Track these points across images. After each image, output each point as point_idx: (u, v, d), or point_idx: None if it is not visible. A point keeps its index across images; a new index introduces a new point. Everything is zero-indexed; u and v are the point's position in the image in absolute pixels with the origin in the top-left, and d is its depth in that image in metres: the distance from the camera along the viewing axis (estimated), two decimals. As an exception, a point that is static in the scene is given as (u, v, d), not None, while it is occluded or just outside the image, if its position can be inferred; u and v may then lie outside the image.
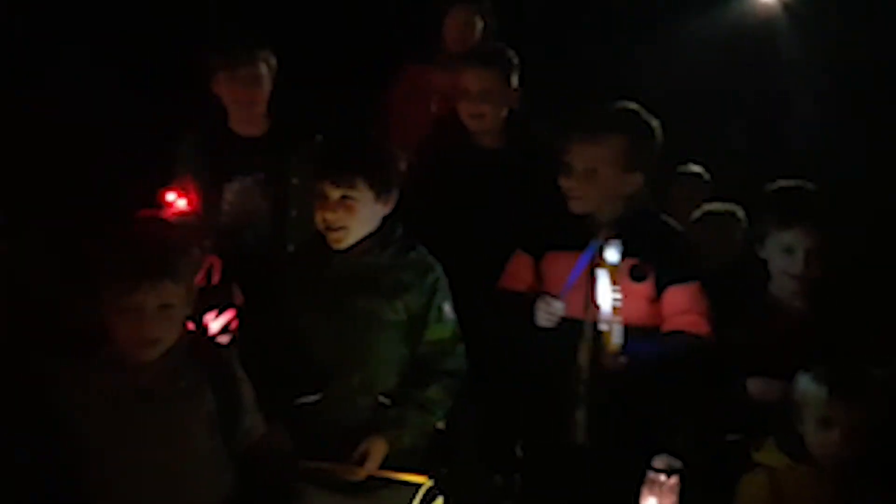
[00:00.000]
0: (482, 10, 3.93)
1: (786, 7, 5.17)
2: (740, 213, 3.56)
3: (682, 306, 2.69)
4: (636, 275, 2.66)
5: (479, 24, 3.90)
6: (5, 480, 2.18)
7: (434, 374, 2.59)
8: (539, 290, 2.74)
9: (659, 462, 2.33)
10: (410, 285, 2.58)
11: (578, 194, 2.72)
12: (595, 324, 2.60)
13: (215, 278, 3.18)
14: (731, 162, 4.62)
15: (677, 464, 2.37)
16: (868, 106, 4.81)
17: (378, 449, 2.48)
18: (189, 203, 3.30)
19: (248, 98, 3.31)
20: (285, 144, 3.34)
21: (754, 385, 2.67)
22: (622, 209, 2.73)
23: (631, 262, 2.64)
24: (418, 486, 2.51)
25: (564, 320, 2.64)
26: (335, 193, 2.53)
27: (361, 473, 2.46)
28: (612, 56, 4.85)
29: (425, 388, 2.57)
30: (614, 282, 2.53)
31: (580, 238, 2.70)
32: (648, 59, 4.84)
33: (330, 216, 2.54)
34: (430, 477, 2.53)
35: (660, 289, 2.70)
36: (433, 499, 2.53)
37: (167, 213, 3.27)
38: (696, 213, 3.57)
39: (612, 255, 2.54)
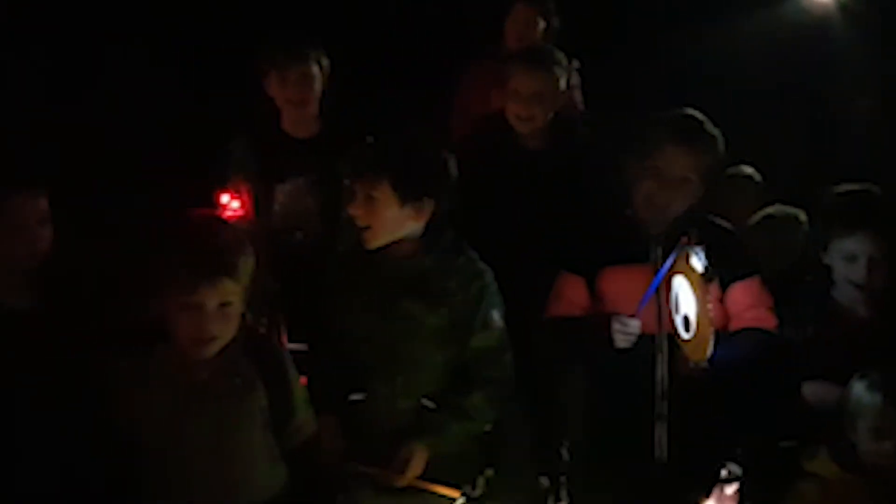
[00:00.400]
0: (545, 11, 3.90)
1: (842, 6, 5.07)
2: (802, 216, 3.48)
3: (747, 302, 2.66)
4: (707, 276, 2.56)
5: (542, 24, 3.88)
6: (63, 476, 2.23)
7: (478, 381, 2.56)
8: (598, 310, 2.67)
9: (724, 470, 2.31)
10: (456, 291, 2.54)
11: (664, 203, 2.64)
12: (670, 335, 2.56)
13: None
14: (786, 163, 4.56)
15: (738, 471, 2.34)
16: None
17: (419, 456, 2.48)
18: (242, 204, 3.34)
19: (299, 98, 3.33)
20: (337, 146, 3.27)
21: (811, 389, 2.65)
22: (677, 214, 2.68)
23: (692, 242, 2.54)
24: (453, 500, 2.49)
25: (639, 337, 2.56)
26: (360, 191, 2.54)
27: (402, 481, 2.46)
28: (667, 57, 4.80)
29: (468, 395, 2.55)
30: (697, 289, 2.46)
31: (636, 250, 2.65)
32: (703, 59, 4.79)
33: (353, 212, 2.56)
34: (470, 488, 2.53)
35: (723, 288, 2.66)
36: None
37: (221, 214, 3.28)
38: (756, 217, 3.49)
39: (697, 261, 2.46)
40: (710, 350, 2.43)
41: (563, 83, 3.36)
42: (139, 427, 2.20)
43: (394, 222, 2.54)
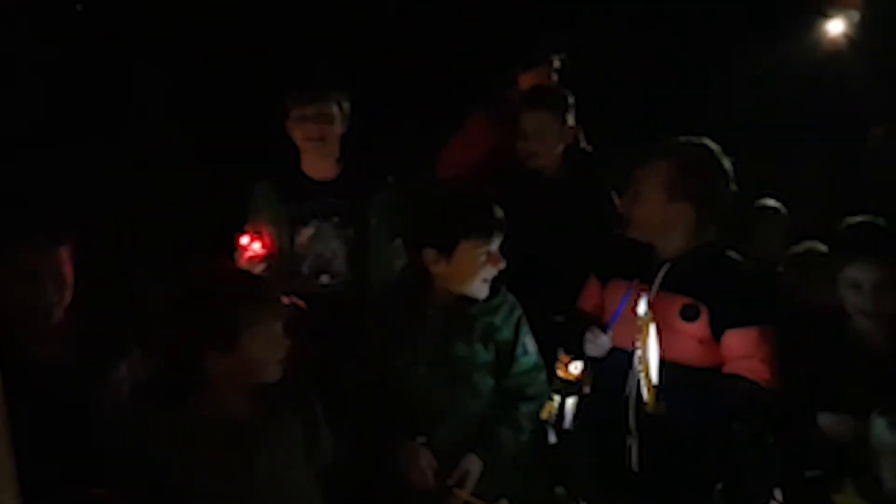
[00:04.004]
0: (557, 69, 3.97)
1: (851, 41, 5.11)
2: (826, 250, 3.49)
3: (741, 351, 2.61)
4: (687, 315, 2.64)
5: (555, 78, 3.94)
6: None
7: (521, 397, 2.71)
8: (601, 316, 2.82)
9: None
10: (500, 326, 2.69)
11: (627, 216, 2.75)
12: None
13: None
14: (808, 196, 4.56)
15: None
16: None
17: (475, 469, 2.58)
18: (263, 245, 3.30)
19: (318, 134, 3.32)
20: (360, 187, 3.36)
21: (826, 420, 2.65)
22: (684, 243, 2.70)
23: (683, 301, 2.63)
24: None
25: (614, 349, 2.70)
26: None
27: (462, 496, 2.54)
28: (683, 90, 4.86)
29: (515, 411, 2.68)
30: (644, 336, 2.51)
31: (640, 269, 2.73)
32: (717, 92, 4.86)
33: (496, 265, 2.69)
34: None
35: (717, 330, 2.63)
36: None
37: (242, 256, 3.30)
38: (791, 253, 3.50)
39: (640, 307, 2.51)
40: (648, 395, 2.48)
41: (569, 119, 3.54)
42: (191, 478, 2.19)
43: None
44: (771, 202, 3.85)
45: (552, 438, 2.88)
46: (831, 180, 4.96)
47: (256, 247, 3.29)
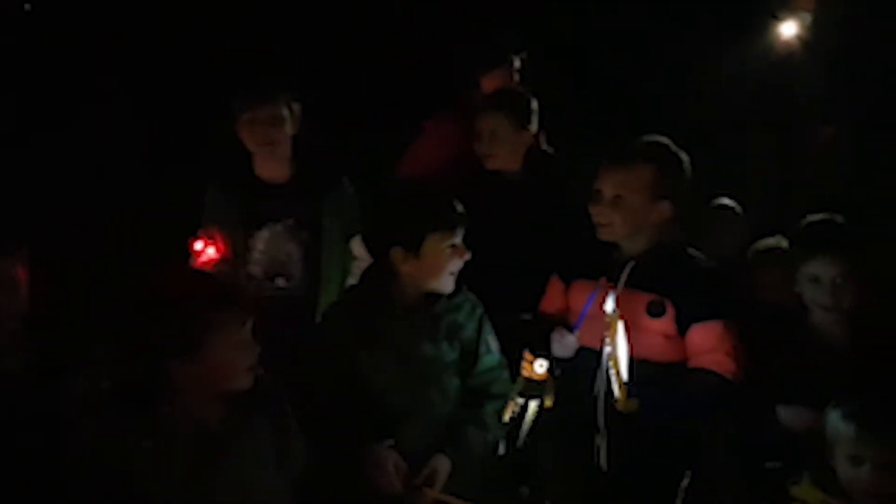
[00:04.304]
0: (518, 69, 3.96)
1: (805, 43, 5.19)
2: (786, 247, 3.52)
3: (706, 345, 2.67)
4: (653, 311, 2.67)
5: (516, 79, 3.94)
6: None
7: (486, 396, 2.72)
8: (566, 317, 2.83)
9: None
10: (464, 324, 2.72)
11: (606, 221, 2.75)
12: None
13: None
14: (762, 193, 4.63)
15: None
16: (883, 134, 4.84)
17: (443, 468, 2.58)
18: (218, 250, 3.28)
19: (267, 139, 3.29)
20: (313, 188, 3.35)
21: (785, 413, 2.69)
22: (647, 241, 2.75)
23: (648, 297, 2.66)
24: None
25: (582, 349, 2.71)
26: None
27: (432, 495, 2.54)
28: (639, 90, 4.90)
29: (481, 410, 2.70)
30: (612, 334, 2.51)
31: (604, 268, 2.75)
32: (673, 95, 4.89)
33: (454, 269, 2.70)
34: None
35: (683, 326, 2.68)
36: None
37: (196, 261, 3.27)
38: (750, 252, 3.53)
39: (608, 305, 2.53)
40: (619, 394, 2.48)
41: (527, 121, 3.50)
42: (158, 485, 2.15)
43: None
44: (727, 201, 3.89)
45: (512, 441, 2.87)
46: (783, 179, 5.04)
47: (210, 251, 3.26)
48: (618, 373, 2.48)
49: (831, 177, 4.91)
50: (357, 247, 3.34)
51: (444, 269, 2.63)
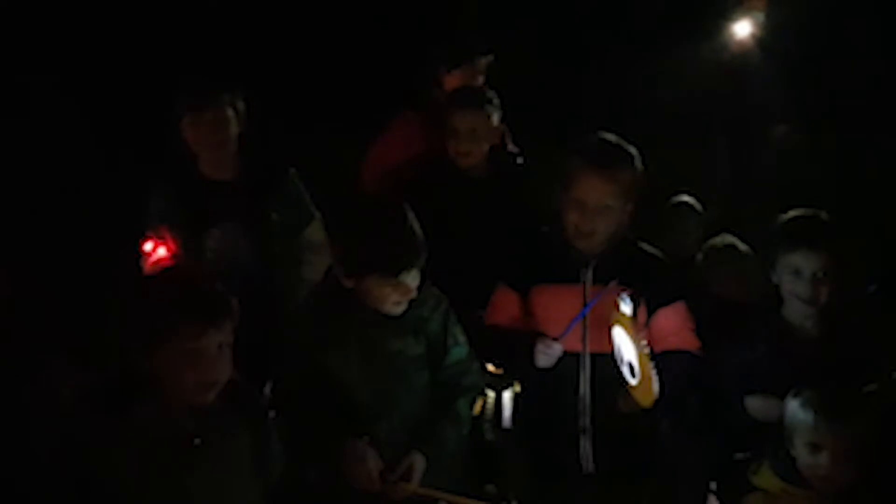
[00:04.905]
0: (482, 70, 3.92)
1: (759, 42, 5.23)
2: (741, 245, 3.59)
3: (673, 326, 2.78)
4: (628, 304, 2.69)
5: (481, 79, 3.91)
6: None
7: (457, 390, 2.69)
8: (526, 325, 2.80)
9: None
10: (429, 318, 2.67)
11: (590, 229, 2.73)
12: (593, 354, 2.71)
13: None
14: (716, 192, 4.66)
15: None
16: (835, 131, 4.92)
17: (419, 465, 2.55)
18: (169, 250, 3.23)
19: (214, 141, 3.27)
20: (261, 184, 3.33)
21: (754, 404, 2.71)
22: (606, 239, 2.77)
23: (621, 289, 2.68)
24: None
25: (564, 354, 2.70)
26: None
27: (407, 490, 2.51)
28: (592, 91, 4.90)
29: (453, 404, 2.67)
30: (632, 334, 2.55)
31: (566, 270, 2.77)
32: (628, 93, 4.91)
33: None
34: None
35: (649, 314, 2.76)
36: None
37: (147, 263, 3.23)
38: (701, 252, 3.58)
39: (626, 307, 2.57)
40: (655, 389, 2.52)
41: (495, 119, 3.52)
42: (129, 486, 2.10)
43: None
44: (685, 198, 3.91)
45: (489, 436, 2.97)
46: (739, 177, 5.08)
47: (161, 252, 3.22)
48: (625, 375, 2.52)
49: (785, 174, 4.95)
50: (308, 239, 3.35)
51: (385, 301, 2.57)
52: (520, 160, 3.74)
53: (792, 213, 2.82)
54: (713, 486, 2.96)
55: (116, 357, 2.11)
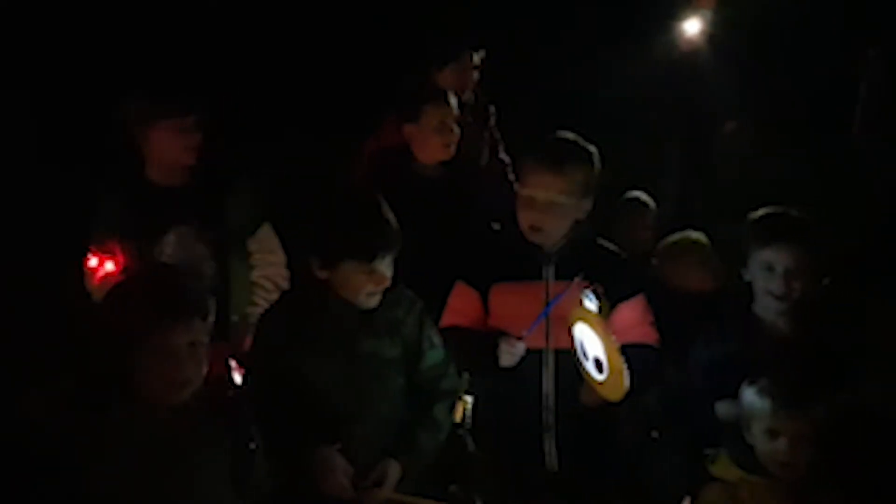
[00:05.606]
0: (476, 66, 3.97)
1: (710, 39, 5.28)
2: (702, 239, 3.59)
3: (633, 320, 2.81)
4: (591, 299, 2.68)
5: (475, 76, 3.94)
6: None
7: (435, 394, 2.67)
8: (486, 324, 2.81)
9: None
10: (404, 319, 2.64)
11: (539, 225, 2.77)
12: (557, 350, 2.72)
13: None
14: (669, 187, 4.69)
15: None
16: (786, 128, 4.94)
17: (393, 472, 2.52)
18: (117, 264, 3.17)
19: (192, 145, 3.24)
20: (213, 188, 3.30)
21: (723, 408, 2.70)
22: (565, 236, 2.81)
23: (584, 285, 2.68)
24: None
25: (526, 352, 2.70)
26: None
27: (380, 496, 2.49)
28: (544, 91, 4.92)
29: (430, 410, 2.64)
30: (599, 330, 2.54)
31: (525, 268, 2.79)
32: (581, 92, 4.92)
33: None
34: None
35: (612, 307, 2.77)
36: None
37: (94, 279, 3.18)
38: (662, 245, 3.60)
39: (590, 303, 2.59)
40: (626, 382, 2.51)
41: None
42: (104, 485, 2.08)
43: None
44: (638, 195, 3.92)
45: (469, 442, 2.92)
46: (690, 175, 5.11)
47: (109, 266, 3.17)
48: (611, 367, 2.51)
49: (735, 171, 4.99)
50: (258, 241, 3.33)
51: (359, 291, 2.54)
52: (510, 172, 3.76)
53: (763, 210, 2.85)
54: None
55: (89, 357, 2.10)
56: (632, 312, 2.80)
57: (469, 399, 2.60)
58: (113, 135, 3.24)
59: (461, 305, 2.86)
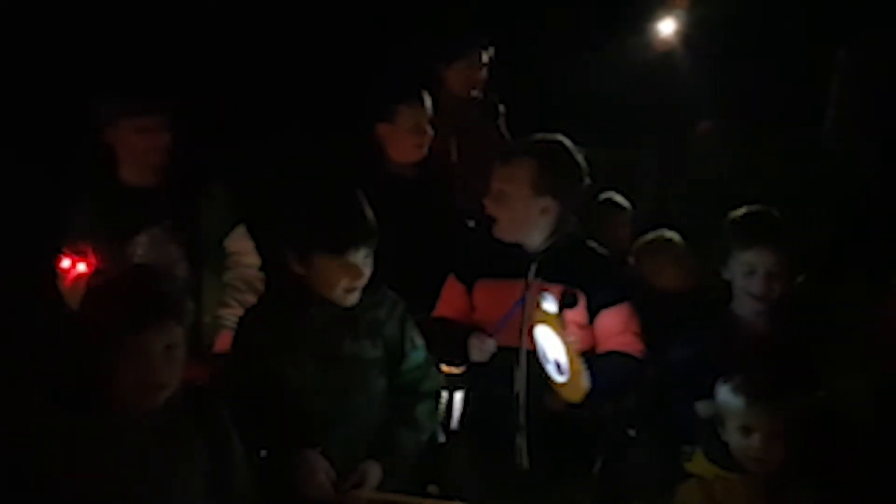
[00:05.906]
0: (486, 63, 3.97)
1: (684, 39, 5.31)
2: (676, 237, 3.62)
3: (616, 328, 2.78)
4: (567, 301, 2.67)
5: (484, 74, 3.94)
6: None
7: (417, 395, 2.65)
8: (472, 318, 2.84)
9: None
10: (385, 321, 2.62)
11: (493, 215, 2.80)
12: (529, 351, 2.69)
13: None
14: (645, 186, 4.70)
15: None
16: (762, 127, 4.98)
17: (374, 473, 2.50)
18: (89, 265, 3.13)
19: (159, 144, 3.21)
20: (185, 188, 3.28)
21: (703, 409, 2.67)
22: (548, 238, 2.80)
23: (560, 289, 2.67)
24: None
25: (499, 349, 2.73)
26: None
27: (361, 496, 2.47)
28: (520, 92, 4.88)
29: (412, 410, 2.62)
30: (558, 332, 2.53)
31: (509, 267, 2.79)
32: (558, 92, 4.95)
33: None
34: None
35: (592, 313, 2.77)
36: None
37: (65, 281, 3.13)
38: (638, 244, 3.62)
39: (549, 305, 2.56)
40: (586, 384, 2.52)
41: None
42: (77, 488, 2.06)
43: None
44: (611, 195, 3.93)
45: (441, 438, 2.93)
46: (666, 174, 5.13)
47: (81, 267, 3.12)
48: (571, 369, 2.50)
49: (710, 171, 5.02)
50: (235, 242, 3.30)
51: (336, 286, 2.51)
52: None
53: (743, 210, 2.85)
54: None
55: (63, 359, 2.09)
56: (615, 319, 2.78)
57: (444, 394, 2.59)
58: (86, 135, 3.22)
59: (449, 298, 2.90)
